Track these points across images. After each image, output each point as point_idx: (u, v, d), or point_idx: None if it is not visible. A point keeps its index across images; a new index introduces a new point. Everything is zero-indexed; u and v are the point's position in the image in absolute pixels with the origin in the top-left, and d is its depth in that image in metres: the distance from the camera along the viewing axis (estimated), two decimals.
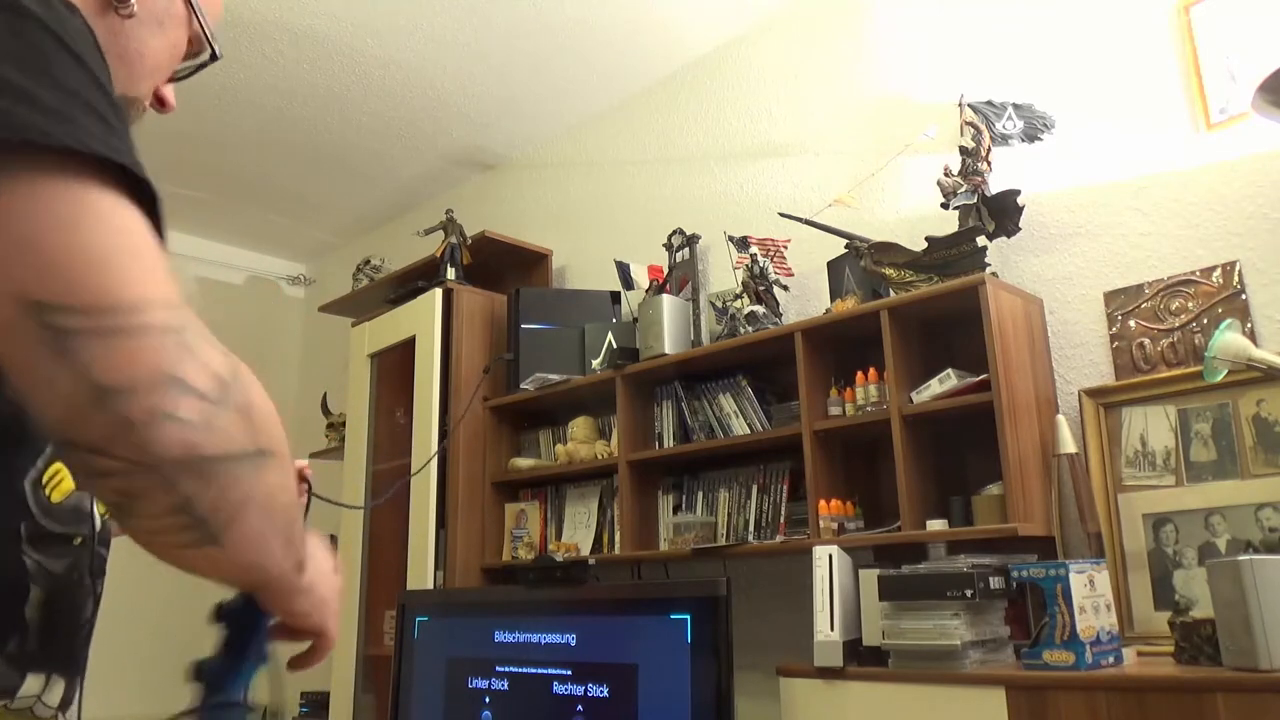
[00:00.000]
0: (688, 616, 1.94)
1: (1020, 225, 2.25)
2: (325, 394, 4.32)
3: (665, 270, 2.95)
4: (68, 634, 0.70)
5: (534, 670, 2.19)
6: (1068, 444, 1.99)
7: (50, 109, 0.47)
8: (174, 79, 0.82)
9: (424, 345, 3.22)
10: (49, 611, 0.67)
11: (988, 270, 2.16)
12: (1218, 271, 2.03)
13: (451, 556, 3.00)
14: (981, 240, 2.21)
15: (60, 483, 0.68)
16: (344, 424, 3.68)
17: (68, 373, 0.45)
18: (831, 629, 1.94)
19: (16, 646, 0.64)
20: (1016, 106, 2.37)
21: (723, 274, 2.86)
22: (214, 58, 0.82)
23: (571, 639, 2.15)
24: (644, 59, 3.29)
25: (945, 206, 2.31)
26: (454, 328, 3.21)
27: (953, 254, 2.21)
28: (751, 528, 2.53)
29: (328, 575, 0.69)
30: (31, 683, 0.65)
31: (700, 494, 2.69)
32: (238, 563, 0.54)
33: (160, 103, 0.81)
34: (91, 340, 0.45)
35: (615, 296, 3.15)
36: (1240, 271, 2.00)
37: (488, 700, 2.27)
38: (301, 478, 0.99)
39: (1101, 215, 2.24)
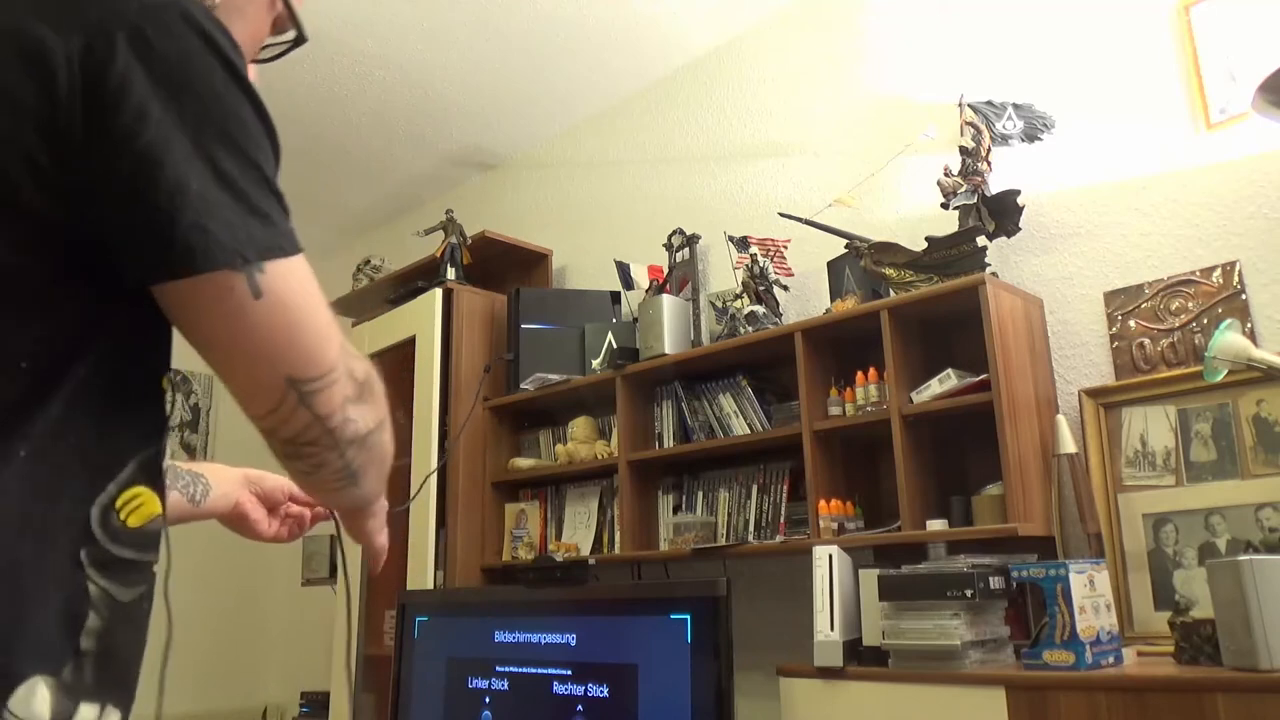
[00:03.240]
0: (688, 616, 1.93)
1: (1020, 225, 2.25)
2: None
3: (665, 270, 2.95)
4: (126, 664, 0.67)
5: (534, 670, 2.19)
6: (1068, 444, 1.99)
7: (261, 212, 0.65)
8: (258, 61, 0.82)
9: (424, 345, 3.22)
10: (109, 641, 0.64)
11: (988, 270, 2.16)
12: (1218, 271, 2.03)
13: (451, 556, 3.00)
14: (981, 240, 2.21)
15: (140, 507, 0.67)
16: None
17: (306, 412, 0.69)
18: (831, 629, 1.94)
19: (72, 675, 0.62)
20: (1016, 106, 2.37)
21: (723, 274, 2.86)
22: (300, 40, 0.84)
23: (571, 639, 2.15)
24: (644, 59, 3.29)
25: (945, 206, 2.31)
26: (454, 328, 3.21)
27: (953, 254, 2.21)
28: (751, 528, 2.53)
29: (384, 502, 0.96)
30: (86, 712, 0.63)
31: (700, 494, 2.69)
32: (362, 494, 0.84)
33: None
34: (319, 393, 0.69)
35: (615, 296, 3.15)
36: (1240, 271, 2.00)
37: (488, 700, 2.27)
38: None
39: (1101, 215, 2.24)
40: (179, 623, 0.78)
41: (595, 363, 2.97)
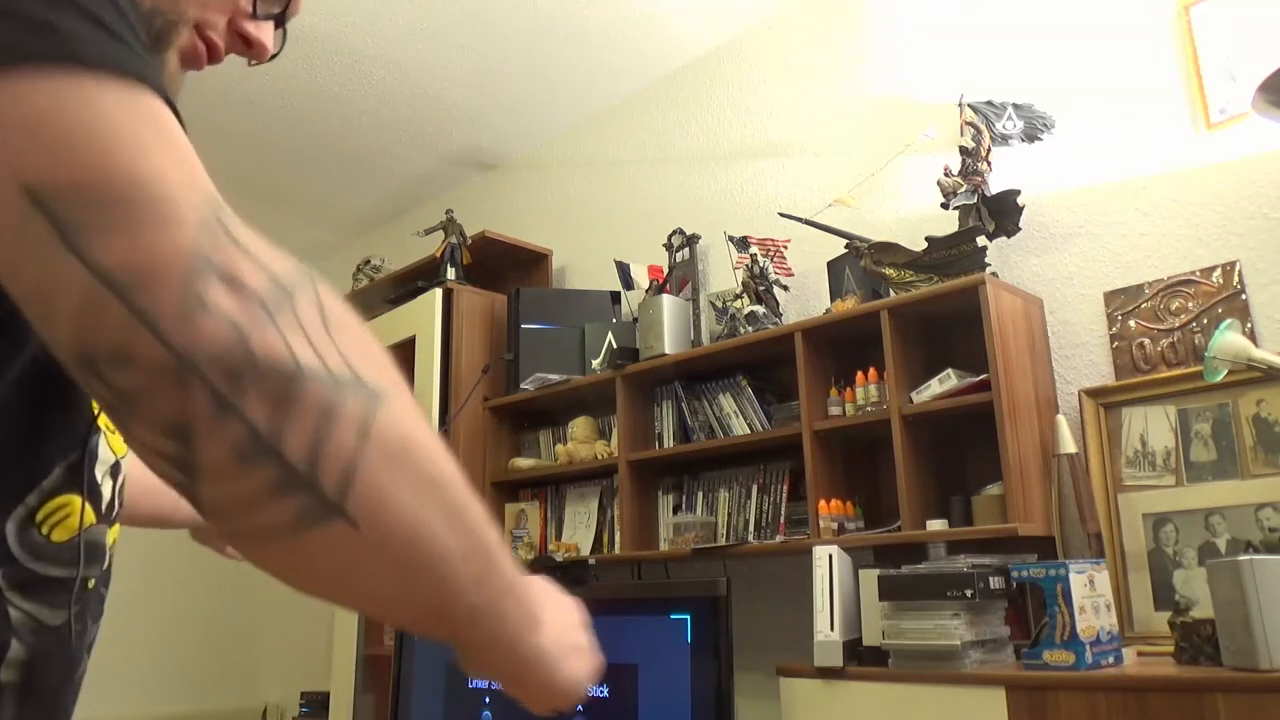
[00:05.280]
0: (688, 616, 1.93)
1: (1020, 225, 2.25)
2: None
3: (665, 270, 2.95)
4: (54, 692, 0.59)
5: None
6: (1068, 444, 1.98)
7: (40, 22, 0.39)
8: (267, 17, 0.64)
9: (424, 345, 3.22)
10: (31, 671, 0.57)
11: (988, 270, 2.16)
12: (1218, 271, 2.03)
13: None
14: (981, 240, 2.21)
15: (66, 518, 0.59)
16: None
17: (79, 269, 0.36)
18: (831, 629, 1.94)
19: None
20: (1016, 106, 2.37)
21: (723, 274, 2.86)
22: None
23: None
24: (644, 59, 3.29)
25: (945, 206, 2.31)
26: (454, 328, 3.21)
27: (953, 254, 2.21)
28: (751, 528, 2.53)
29: (567, 624, 0.53)
30: None
31: (700, 494, 2.69)
32: (383, 556, 0.37)
33: (246, 43, 0.64)
34: (105, 229, 0.37)
35: (615, 296, 3.15)
36: (1240, 271, 2.00)
37: (487, 700, 2.27)
38: None
39: (1101, 215, 2.24)
40: (181, 622, 0.76)
41: (595, 363, 2.97)
